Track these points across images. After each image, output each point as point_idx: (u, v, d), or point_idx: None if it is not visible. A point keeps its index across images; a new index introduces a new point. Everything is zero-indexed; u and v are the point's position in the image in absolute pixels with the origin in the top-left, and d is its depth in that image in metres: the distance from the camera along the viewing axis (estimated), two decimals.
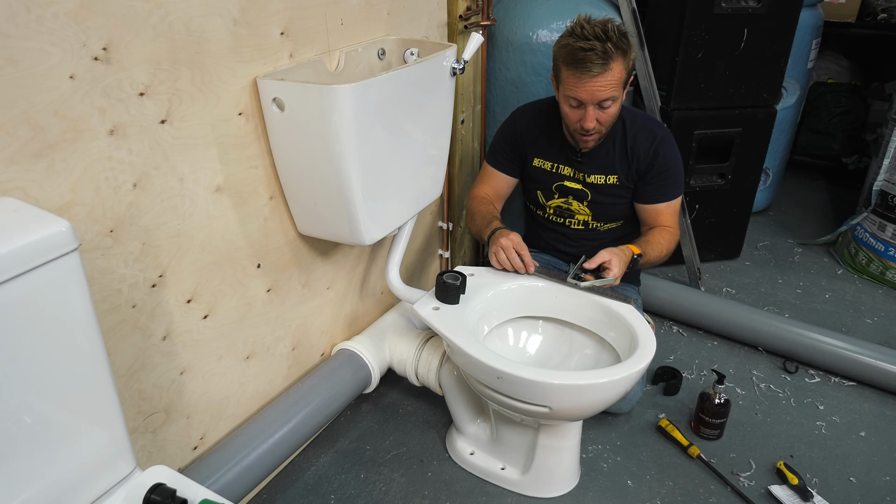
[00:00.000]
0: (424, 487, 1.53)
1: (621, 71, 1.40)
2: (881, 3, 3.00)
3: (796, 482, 1.49)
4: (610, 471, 1.58)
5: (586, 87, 1.40)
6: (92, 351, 0.83)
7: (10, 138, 0.86)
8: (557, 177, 1.64)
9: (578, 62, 1.38)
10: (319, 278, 1.55)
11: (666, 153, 1.56)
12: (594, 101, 1.42)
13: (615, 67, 1.39)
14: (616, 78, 1.40)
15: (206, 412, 1.33)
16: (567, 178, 1.63)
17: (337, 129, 1.17)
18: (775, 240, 2.66)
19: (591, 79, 1.39)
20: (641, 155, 1.55)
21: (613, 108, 1.45)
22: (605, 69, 1.38)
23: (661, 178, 1.57)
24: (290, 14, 1.23)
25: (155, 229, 1.10)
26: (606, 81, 1.39)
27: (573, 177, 1.62)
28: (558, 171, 1.63)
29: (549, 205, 1.68)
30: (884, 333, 2.08)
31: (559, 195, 1.66)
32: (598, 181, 1.59)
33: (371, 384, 1.64)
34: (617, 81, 1.41)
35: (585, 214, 1.65)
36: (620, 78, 1.41)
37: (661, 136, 1.56)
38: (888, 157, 2.24)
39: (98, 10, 0.91)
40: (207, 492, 0.91)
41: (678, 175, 1.60)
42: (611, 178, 1.58)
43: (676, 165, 1.58)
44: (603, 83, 1.39)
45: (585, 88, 1.41)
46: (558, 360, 1.54)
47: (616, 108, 1.46)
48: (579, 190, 1.62)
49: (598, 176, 1.59)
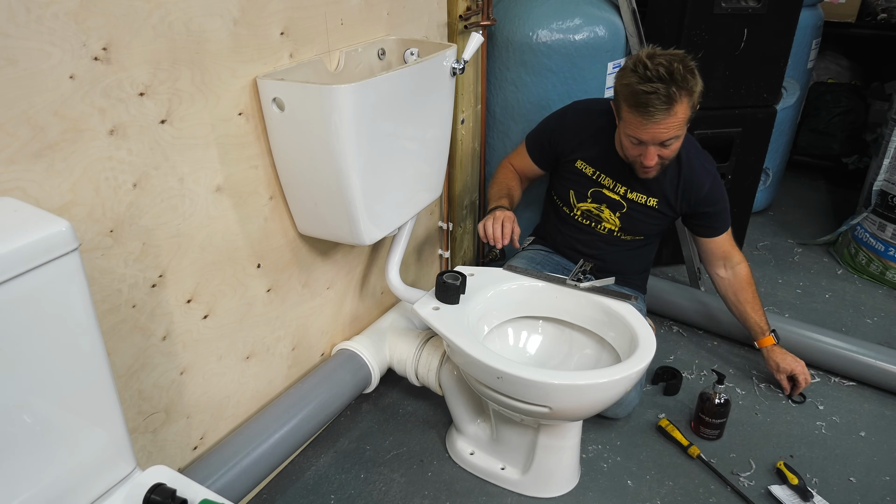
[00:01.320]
0: (424, 487, 1.53)
1: (686, 111, 1.36)
2: (881, 3, 3.00)
3: (796, 482, 1.49)
4: (610, 471, 1.58)
5: (648, 130, 1.37)
6: (92, 351, 0.83)
7: (10, 138, 0.86)
8: (596, 184, 1.62)
9: (641, 105, 1.34)
10: (319, 278, 1.55)
11: (719, 189, 1.60)
12: (656, 143, 1.40)
13: (679, 110, 1.34)
14: (680, 119, 1.36)
15: (206, 412, 1.33)
16: (606, 188, 1.61)
17: (337, 129, 1.17)
18: (775, 240, 2.66)
19: (654, 123, 1.35)
20: (696, 186, 1.57)
21: (676, 144, 1.43)
22: (669, 113, 1.33)
23: (719, 210, 1.62)
24: (290, 14, 1.23)
25: (155, 229, 1.10)
26: (669, 124, 1.35)
27: (613, 188, 1.61)
28: (599, 179, 1.61)
29: (580, 206, 1.67)
30: (884, 333, 2.08)
31: (593, 200, 1.64)
32: (638, 199, 1.59)
33: (371, 384, 1.64)
34: (681, 122, 1.37)
35: (614, 224, 1.65)
36: (685, 118, 1.37)
37: (714, 174, 1.58)
38: (888, 157, 2.24)
39: (98, 10, 0.91)
40: (207, 492, 0.91)
41: (728, 207, 1.65)
42: (651, 200, 1.59)
43: (726, 198, 1.64)
44: (666, 126, 1.36)
45: (648, 131, 1.37)
46: (558, 360, 1.54)
47: (678, 144, 1.44)
48: (616, 201, 1.62)
49: (639, 195, 1.59)
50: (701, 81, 1.39)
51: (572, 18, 1.86)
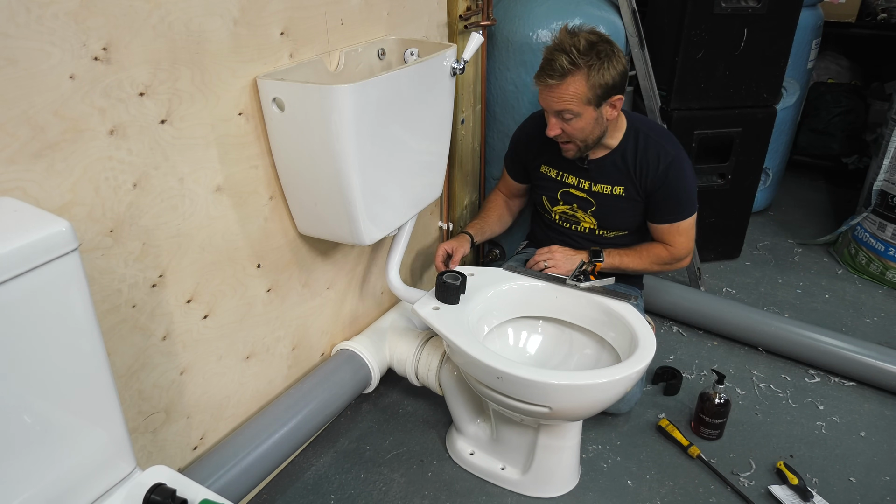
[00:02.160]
0: (424, 487, 1.53)
1: (580, 87, 1.38)
2: (881, 3, 3.00)
3: (796, 482, 1.49)
4: (610, 471, 1.58)
5: (543, 94, 1.44)
6: (92, 351, 0.83)
7: (10, 138, 0.86)
8: (562, 184, 1.64)
9: (541, 69, 1.41)
10: (319, 278, 1.55)
11: (677, 174, 1.53)
12: (551, 111, 1.44)
13: (571, 82, 1.38)
14: (572, 92, 1.38)
15: (206, 412, 1.33)
16: (572, 187, 1.63)
17: (337, 129, 1.17)
18: (775, 240, 2.66)
19: (547, 89, 1.41)
20: (650, 173, 1.54)
21: (578, 122, 1.44)
22: (561, 81, 1.38)
23: (670, 199, 1.55)
24: (290, 14, 1.23)
25: (155, 229, 1.10)
26: (560, 94, 1.39)
27: (578, 185, 1.62)
28: (563, 178, 1.64)
29: (555, 210, 1.69)
30: (884, 333, 2.08)
31: (564, 202, 1.66)
32: (604, 191, 1.59)
33: (371, 384, 1.64)
34: (573, 96, 1.39)
35: (591, 223, 1.65)
36: (579, 94, 1.38)
37: (672, 156, 1.52)
38: (888, 157, 2.24)
39: (98, 10, 0.91)
40: (207, 492, 0.91)
41: (689, 195, 1.56)
42: (617, 188, 1.58)
43: (687, 186, 1.55)
44: (556, 95, 1.40)
45: (542, 96, 1.44)
46: (558, 360, 1.54)
47: (582, 124, 1.44)
48: (584, 199, 1.62)
49: (604, 186, 1.59)
50: (614, 69, 1.39)
51: (572, 18, 1.86)
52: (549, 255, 1.59)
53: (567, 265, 1.57)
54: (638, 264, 1.61)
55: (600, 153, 1.57)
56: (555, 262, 1.57)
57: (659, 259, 1.62)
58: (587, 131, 1.46)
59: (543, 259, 1.59)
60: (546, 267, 1.57)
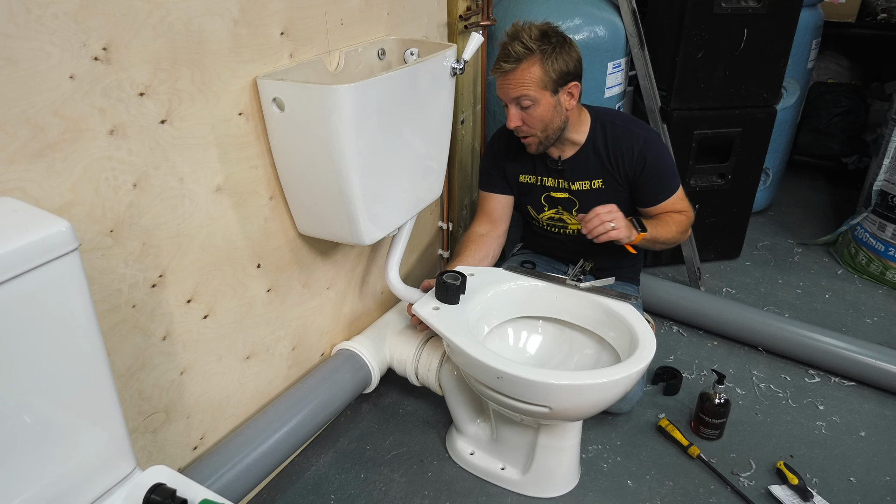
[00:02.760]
0: (424, 487, 1.53)
1: (535, 72, 1.41)
2: (881, 3, 3.00)
3: (796, 482, 1.49)
4: (610, 471, 1.58)
5: (499, 83, 1.46)
6: (92, 351, 0.83)
7: (10, 138, 0.86)
8: (543, 188, 1.64)
9: (496, 60, 1.44)
10: (319, 278, 1.55)
11: (654, 154, 1.54)
12: (508, 99, 1.45)
13: (526, 66, 1.41)
14: (528, 77, 1.41)
15: (206, 412, 1.33)
16: (553, 189, 1.63)
17: (337, 129, 1.17)
18: (775, 240, 2.66)
19: (503, 76, 1.44)
20: (626, 159, 1.54)
21: (537, 109, 1.44)
22: (515, 67, 1.41)
23: (656, 178, 1.56)
24: (290, 14, 1.23)
25: (155, 229, 1.10)
26: (515, 79, 1.42)
27: (558, 187, 1.62)
28: (543, 183, 1.64)
29: (542, 217, 1.70)
30: (884, 333, 2.08)
31: (549, 206, 1.66)
32: (583, 187, 1.59)
33: (371, 384, 1.64)
34: (529, 81, 1.41)
35: (577, 224, 1.65)
36: (534, 78, 1.41)
37: (643, 138, 1.53)
38: (888, 157, 2.24)
39: (98, 10, 0.91)
40: (207, 492, 0.91)
41: (672, 169, 1.58)
42: (595, 182, 1.58)
43: (668, 162, 1.57)
44: (512, 81, 1.42)
45: (499, 85, 1.46)
46: (558, 360, 1.54)
47: (541, 111, 1.45)
48: (566, 199, 1.62)
49: (582, 182, 1.59)
50: (567, 56, 1.43)
51: (572, 18, 1.86)
52: (610, 214, 1.42)
53: (626, 231, 1.43)
54: (669, 233, 1.54)
55: (570, 151, 1.57)
56: (617, 225, 1.42)
57: (681, 225, 1.57)
58: (546, 120, 1.47)
59: (608, 220, 1.41)
60: (612, 228, 1.41)
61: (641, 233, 1.47)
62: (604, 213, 1.42)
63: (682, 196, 1.61)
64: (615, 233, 1.42)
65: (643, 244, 1.51)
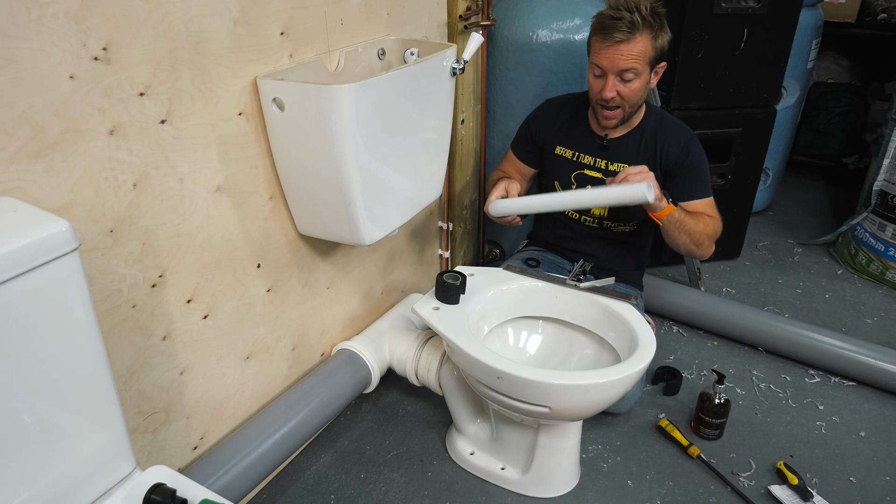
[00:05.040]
0: (424, 487, 1.53)
1: (647, 45, 1.43)
2: (881, 3, 3.00)
3: (796, 482, 1.49)
4: (610, 471, 1.58)
5: (608, 53, 1.44)
6: (92, 351, 0.83)
7: (10, 138, 0.86)
8: (577, 165, 1.64)
9: (605, 29, 1.43)
10: (319, 278, 1.55)
11: (698, 150, 1.58)
12: (615, 70, 1.45)
13: (640, 39, 1.42)
14: (639, 50, 1.42)
15: (206, 412, 1.33)
16: (588, 167, 1.63)
17: (337, 129, 1.17)
18: (775, 240, 2.66)
19: (615, 45, 1.42)
20: (672, 148, 1.57)
21: (636, 83, 1.46)
22: (630, 38, 1.41)
23: (694, 173, 1.58)
24: (290, 14, 1.23)
25: (155, 229, 1.10)
26: (629, 51, 1.42)
27: (594, 165, 1.62)
28: (579, 159, 1.64)
29: None
30: (884, 333, 2.08)
31: (577, 186, 1.65)
32: (620, 169, 1.59)
33: (371, 384, 1.64)
34: (640, 54, 1.43)
35: (602, 209, 1.65)
36: (645, 52, 1.43)
37: (691, 135, 1.59)
38: (888, 157, 2.24)
39: (98, 10, 0.91)
40: (207, 492, 0.91)
41: (707, 174, 1.61)
42: None
43: (706, 163, 1.60)
44: (625, 52, 1.42)
45: (607, 55, 1.44)
46: (558, 360, 1.54)
47: (639, 85, 1.47)
48: (598, 179, 1.62)
49: (620, 165, 1.59)
50: (668, 34, 1.47)
51: (572, 18, 1.86)
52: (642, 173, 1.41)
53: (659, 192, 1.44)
54: (697, 228, 1.52)
55: (621, 131, 1.60)
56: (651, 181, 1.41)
57: (709, 227, 1.55)
58: (639, 94, 1.50)
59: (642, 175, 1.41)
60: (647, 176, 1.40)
61: (672, 205, 1.48)
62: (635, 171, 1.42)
63: (712, 204, 1.62)
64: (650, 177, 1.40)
65: (669, 224, 1.50)
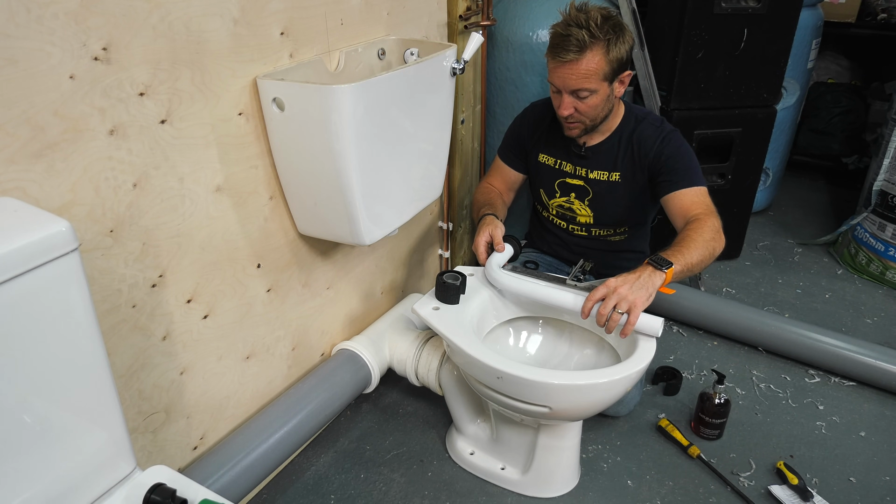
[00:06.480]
0: (424, 487, 1.53)
1: (599, 62, 1.37)
2: (881, 3, 3.00)
3: (796, 482, 1.49)
4: (610, 471, 1.58)
5: (559, 73, 1.40)
6: (92, 351, 0.83)
7: (10, 138, 0.86)
8: (560, 173, 1.64)
9: (555, 47, 1.39)
10: (319, 278, 1.55)
11: (674, 143, 1.51)
12: (567, 89, 1.42)
13: (591, 56, 1.36)
14: (592, 68, 1.37)
15: (206, 412, 1.33)
16: (569, 175, 1.62)
17: (337, 129, 1.17)
18: (775, 240, 2.66)
19: (563, 65, 1.38)
20: (648, 147, 1.52)
21: (593, 99, 1.42)
22: (580, 57, 1.36)
23: (676, 163, 1.49)
24: (290, 14, 1.23)
25: (155, 229, 1.10)
26: (579, 70, 1.37)
27: (575, 173, 1.61)
28: (561, 167, 1.63)
29: (552, 204, 1.68)
30: (884, 333, 2.08)
31: (561, 193, 1.66)
32: (600, 177, 1.59)
33: (371, 384, 1.64)
34: (592, 72, 1.38)
35: (587, 216, 1.64)
36: (598, 69, 1.37)
37: (668, 130, 1.54)
38: (888, 157, 2.24)
39: (98, 10, 0.91)
40: (207, 492, 0.91)
41: (693, 162, 1.50)
42: (613, 175, 1.58)
43: (688, 153, 1.51)
44: (576, 72, 1.38)
45: (558, 74, 1.41)
46: (558, 360, 1.54)
47: (597, 101, 1.43)
48: (581, 187, 1.62)
49: (600, 172, 1.58)
50: (626, 44, 1.40)
51: None
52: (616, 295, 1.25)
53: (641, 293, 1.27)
54: (699, 251, 1.33)
55: (597, 139, 1.57)
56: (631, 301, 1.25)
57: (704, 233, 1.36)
58: (598, 109, 1.46)
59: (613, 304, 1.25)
60: (624, 313, 1.26)
61: (669, 268, 1.29)
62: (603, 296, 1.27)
63: (704, 193, 1.47)
64: (634, 312, 1.25)
65: (681, 276, 1.34)
